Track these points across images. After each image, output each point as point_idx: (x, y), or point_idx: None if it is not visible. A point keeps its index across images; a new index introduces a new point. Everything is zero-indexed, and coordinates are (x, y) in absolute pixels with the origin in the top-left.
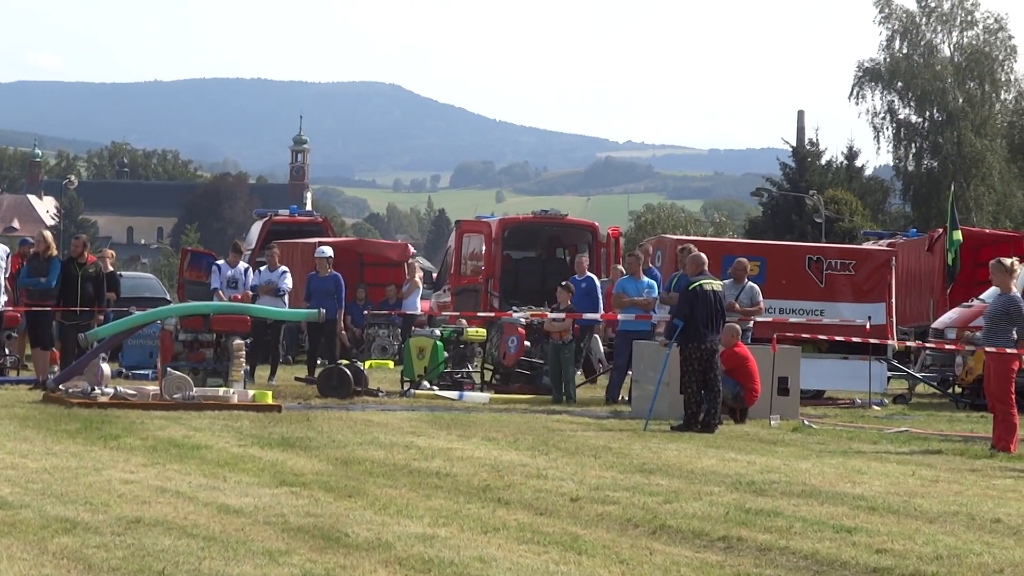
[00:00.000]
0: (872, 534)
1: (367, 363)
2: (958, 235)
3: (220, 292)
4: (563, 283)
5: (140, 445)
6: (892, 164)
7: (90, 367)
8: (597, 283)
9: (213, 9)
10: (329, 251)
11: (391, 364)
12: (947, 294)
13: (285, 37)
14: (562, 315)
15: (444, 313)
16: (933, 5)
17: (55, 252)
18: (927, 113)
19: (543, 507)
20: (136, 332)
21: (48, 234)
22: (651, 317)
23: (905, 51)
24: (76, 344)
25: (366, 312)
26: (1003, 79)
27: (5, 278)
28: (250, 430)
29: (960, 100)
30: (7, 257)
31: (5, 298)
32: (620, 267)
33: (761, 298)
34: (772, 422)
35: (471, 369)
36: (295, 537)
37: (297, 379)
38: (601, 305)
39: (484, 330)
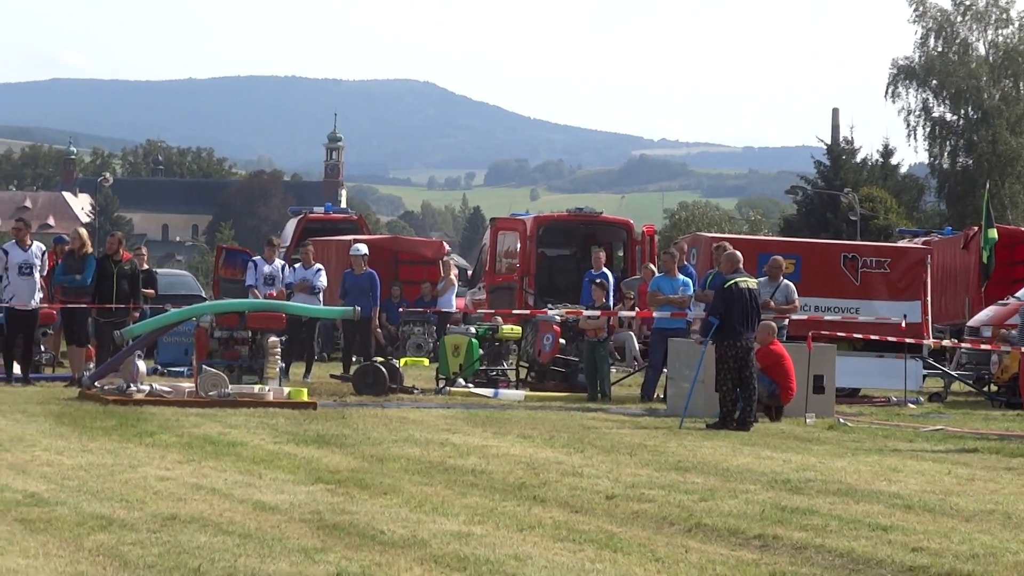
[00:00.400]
0: (908, 532)
1: (402, 360)
2: (993, 233)
3: (256, 290)
4: (597, 280)
5: (176, 442)
6: (927, 162)
7: (125, 364)
8: (611, 278)
9: (248, 7)
10: (364, 249)
11: (426, 361)
12: (982, 292)
13: (319, 35)
14: (597, 313)
15: (479, 311)
16: (968, 3)
17: (90, 249)
18: (962, 111)
19: (578, 505)
20: (171, 329)
21: (83, 231)
22: (686, 315)
23: (940, 49)
24: (111, 341)
25: (401, 309)
26: None
27: (41, 276)
28: (285, 427)
29: (995, 98)
30: (43, 255)
31: (41, 295)
32: (651, 265)
33: (796, 296)
34: (808, 420)
35: (506, 367)
36: (330, 534)
37: (332, 376)
38: (612, 299)
39: (519, 328)
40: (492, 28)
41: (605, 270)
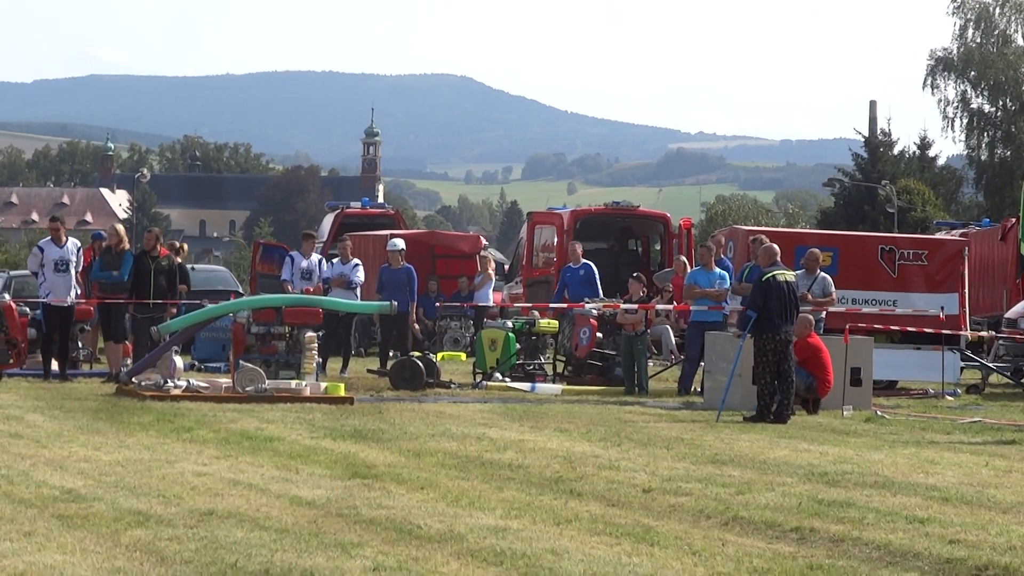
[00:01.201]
0: (945, 525)
1: (439, 355)
2: None
3: (289, 284)
4: (634, 274)
5: (213, 438)
6: (965, 154)
7: (163, 360)
8: (595, 269)
9: (285, 3)
10: (401, 244)
11: (463, 356)
12: (1019, 283)
13: (355, 30)
14: (635, 306)
15: (516, 305)
16: None
17: (127, 245)
18: (1000, 102)
19: (615, 498)
20: (208, 325)
21: (121, 227)
22: (723, 308)
23: (978, 40)
24: (149, 337)
25: (438, 304)
26: None
27: (77, 272)
28: (322, 422)
29: None
30: (78, 251)
31: (78, 291)
32: (682, 258)
33: (834, 288)
34: (845, 412)
35: (543, 361)
36: (367, 529)
37: (369, 371)
38: (600, 290)
39: (556, 322)
40: (529, 22)
41: (586, 262)
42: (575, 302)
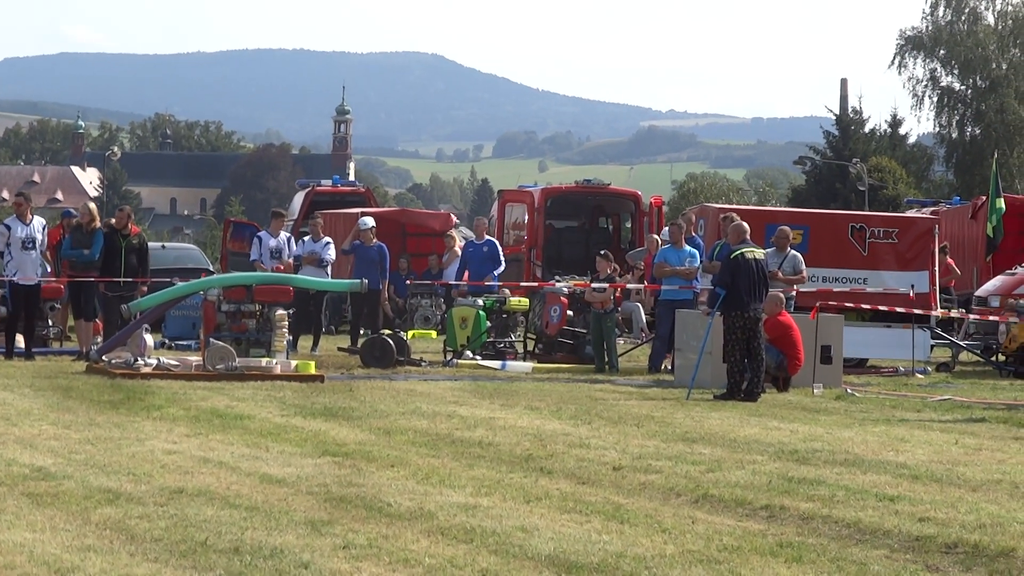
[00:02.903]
0: (915, 503)
1: (410, 333)
2: (1001, 203)
3: (260, 263)
4: (602, 252)
5: (183, 416)
6: (935, 132)
7: (133, 338)
8: (498, 245)
9: None
10: (371, 222)
11: (434, 334)
12: (988, 262)
13: (327, 8)
14: (604, 285)
15: (486, 283)
16: None
17: (99, 224)
18: (970, 80)
19: (585, 476)
20: (179, 303)
21: (92, 206)
22: (693, 286)
23: (948, 18)
24: (119, 315)
25: (409, 282)
26: None
27: (44, 250)
28: (293, 400)
29: (1003, 67)
30: (43, 229)
31: (47, 269)
32: (655, 236)
33: (804, 266)
34: (815, 391)
35: (514, 339)
36: (337, 507)
37: (340, 349)
38: (503, 264)
39: (527, 300)
40: (500, 0)
41: (489, 238)
42: (477, 279)
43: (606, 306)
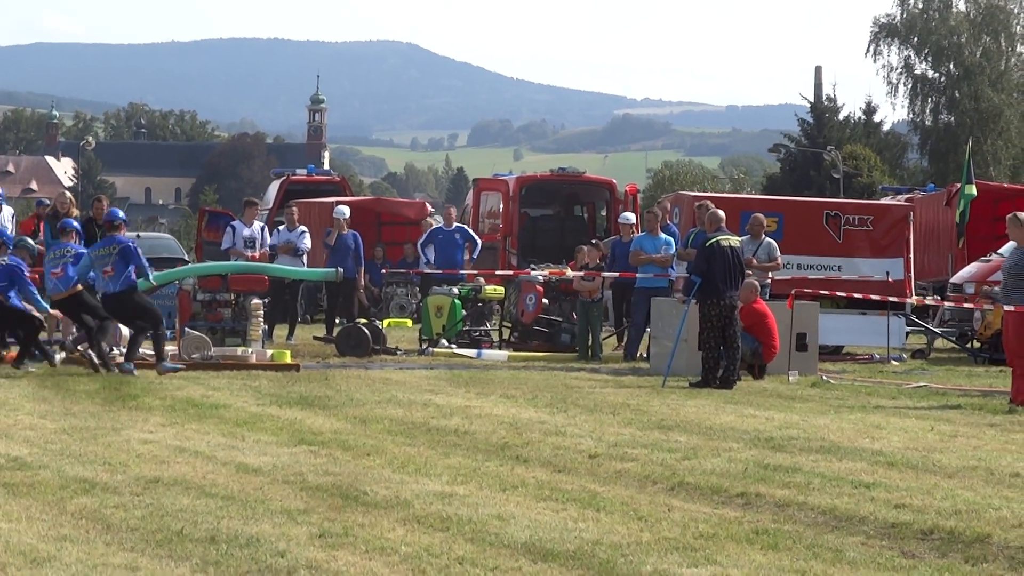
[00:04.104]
0: (890, 489)
1: (385, 322)
2: (971, 189)
3: (236, 250)
4: (592, 241)
5: (158, 405)
6: (909, 119)
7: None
8: (470, 231)
9: None
10: (346, 211)
11: (409, 323)
12: (959, 247)
13: None
14: (589, 274)
15: (462, 272)
16: None
17: (77, 213)
18: (943, 68)
19: (561, 464)
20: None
21: (69, 195)
22: (669, 274)
23: (920, 6)
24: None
25: (384, 271)
26: (1019, 33)
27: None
28: (268, 389)
29: (976, 55)
30: (13, 218)
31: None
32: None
33: (779, 254)
34: (791, 378)
35: (489, 327)
36: (313, 496)
37: (316, 338)
38: (479, 242)
39: (502, 288)
40: None
41: (460, 225)
42: (448, 267)
43: (594, 295)
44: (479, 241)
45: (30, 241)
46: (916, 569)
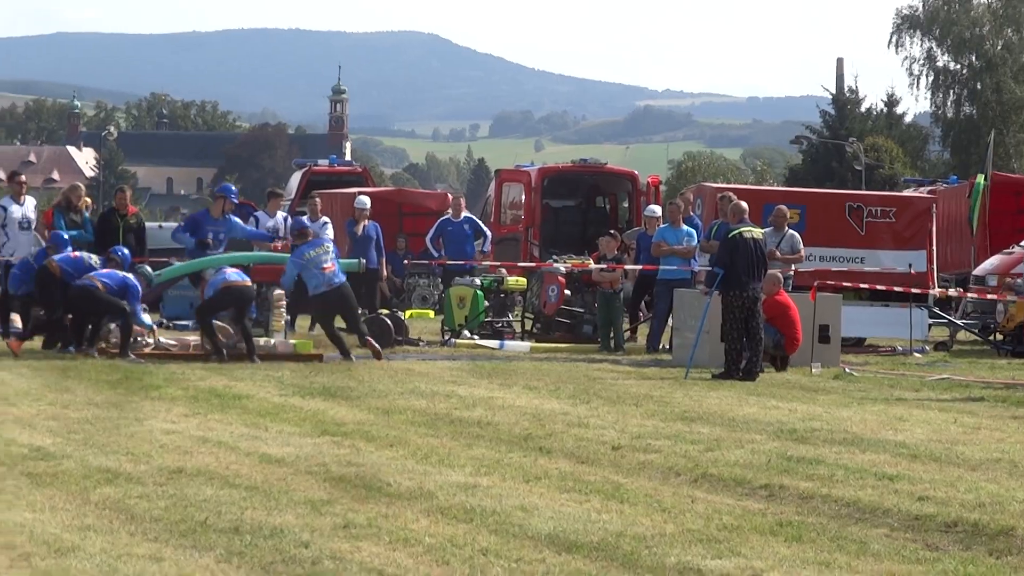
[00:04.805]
0: (914, 481)
1: (407, 313)
2: (981, 179)
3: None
4: (610, 232)
5: (181, 395)
6: (931, 111)
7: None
8: (479, 221)
9: None
10: (367, 201)
11: (431, 314)
12: (974, 238)
13: None
14: (604, 265)
15: (484, 262)
16: None
17: (88, 204)
18: (965, 60)
19: (584, 456)
20: (177, 283)
21: (82, 187)
22: (691, 266)
23: None
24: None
25: (406, 262)
26: None
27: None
28: (291, 380)
29: (998, 47)
30: (35, 208)
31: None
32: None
33: (802, 246)
34: (813, 370)
35: (511, 318)
36: (337, 487)
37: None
38: (489, 234)
39: (524, 279)
40: None
41: (468, 214)
42: (458, 257)
43: (615, 286)
44: (488, 233)
45: (148, 268)
46: (940, 561)
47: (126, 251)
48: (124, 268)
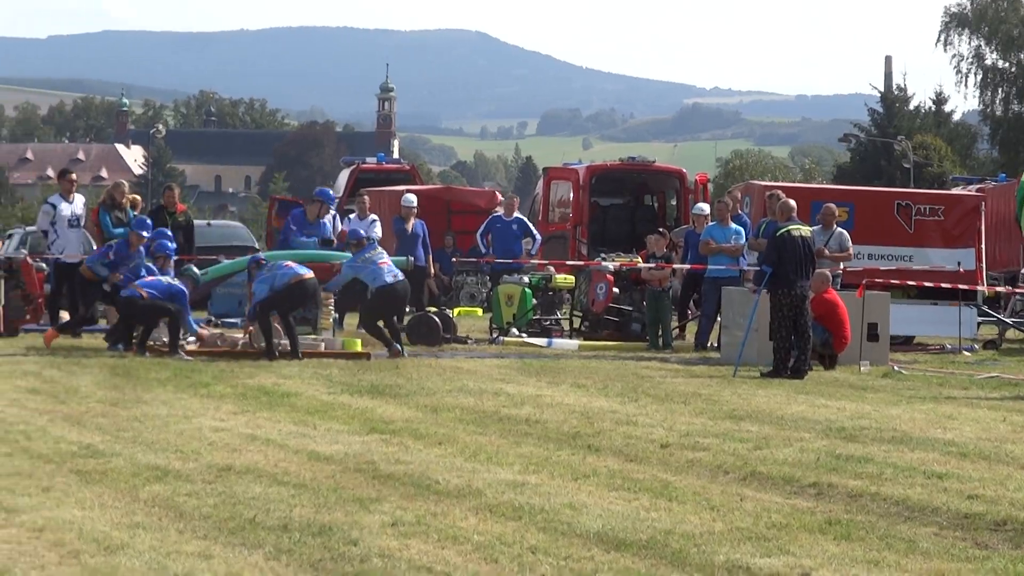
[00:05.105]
0: (963, 480)
1: (455, 310)
2: None
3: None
4: (660, 230)
5: (230, 393)
6: (979, 109)
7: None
8: (527, 222)
9: None
10: (414, 199)
11: (479, 311)
12: (1022, 237)
13: None
14: (652, 263)
15: (532, 260)
16: None
17: (135, 200)
18: (1013, 58)
19: (633, 454)
20: (226, 280)
21: (127, 185)
22: (740, 264)
23: None
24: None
25: (454, 259)
26: None
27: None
28: (339, 378)
29: None
30: (84, 205)
31: (93, 246)
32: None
33: (850, 244)
34: (862, 368)
35: (560, 316)
36: (385, 484)
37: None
38: (539, 236)
39: (572, 277)
40: None
41: (519, 215)
42: (506, 256)
43: (663, 284)
44: (539, 237)
45: (194, 269)
46: (989, 560)
47: (169, 243)
48: (168, 255)
